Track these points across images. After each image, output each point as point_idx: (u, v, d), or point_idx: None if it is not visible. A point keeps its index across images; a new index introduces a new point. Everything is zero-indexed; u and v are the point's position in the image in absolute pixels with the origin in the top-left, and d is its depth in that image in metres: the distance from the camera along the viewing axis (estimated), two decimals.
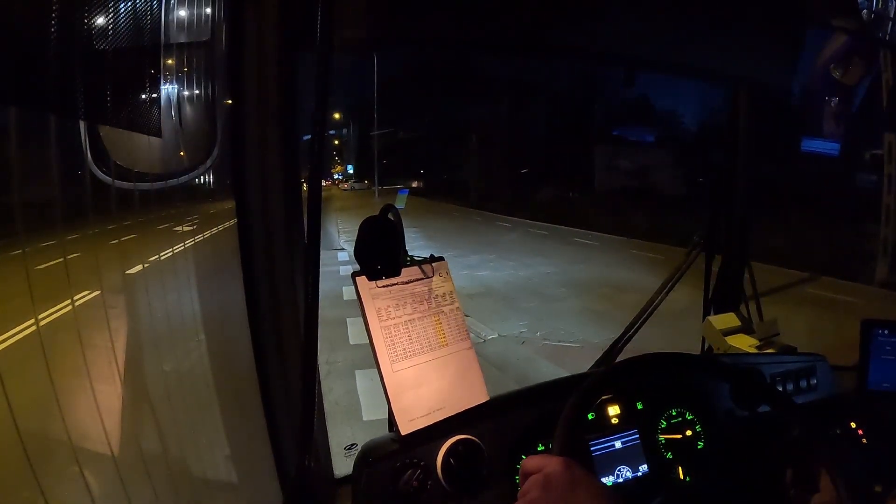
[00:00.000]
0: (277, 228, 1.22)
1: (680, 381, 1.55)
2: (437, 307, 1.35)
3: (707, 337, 2.10)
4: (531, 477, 0.94)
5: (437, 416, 1.29)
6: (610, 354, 1.98)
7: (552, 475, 0.92)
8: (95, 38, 1.03)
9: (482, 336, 7.81)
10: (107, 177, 1.22)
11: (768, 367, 1.69)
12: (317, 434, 1.17)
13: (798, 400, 1.67)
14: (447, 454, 1.26)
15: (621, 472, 1.42)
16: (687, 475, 1.45)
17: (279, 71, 1.15)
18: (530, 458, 0.98)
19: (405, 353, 1.27)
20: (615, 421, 1.47)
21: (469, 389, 1.35)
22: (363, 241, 1.15)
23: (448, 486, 1.25)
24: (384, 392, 1.24)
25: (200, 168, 1.37)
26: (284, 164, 1.20)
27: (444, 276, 1.38)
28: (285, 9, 1.12)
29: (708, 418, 1.53)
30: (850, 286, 10.15)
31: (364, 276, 1.22)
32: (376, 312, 1.25)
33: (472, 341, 1.36)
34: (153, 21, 1.18)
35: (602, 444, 1.43)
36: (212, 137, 1.30)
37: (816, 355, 1.82)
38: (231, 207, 1.24)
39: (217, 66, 1.31)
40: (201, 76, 1.34)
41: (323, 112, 0.93)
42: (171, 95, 1.32)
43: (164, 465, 1.53)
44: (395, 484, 1.21)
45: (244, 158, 1.18)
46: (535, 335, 7.98)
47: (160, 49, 1.23)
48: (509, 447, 1.35)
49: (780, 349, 1.96)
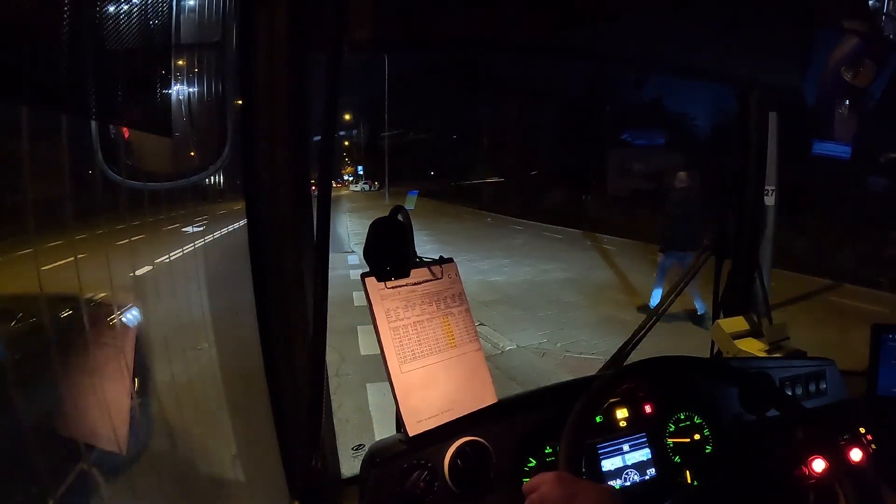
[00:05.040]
0: (287, 229, 1.23)
1: (688, 385, 1.55)
2: (446, 308, 1.35)
3: (716, 340, 2.09)
4: (529, 497, 0.95)
5: (445, 418, 1.29)
6: (619, 358, 1.98)
7: (547, 494, 0.93)
8: (107, 38, 1.04)
9: (499, 347, 7.34)
10: (117, 176, 1.23)
11: (777, 371, 1.68)
12: (324, 434, 1.17)
13: (807, 404, 1.66)
14: (455, 455, 1.26)
15: (629, 476, 1.41)
16: (695, 479, 1.45)
17: (289, 72, 1.15)
18: (528, 482, 0.99)
19: (414, 355, 1.27)
20: (623, 424, 1.46)
21: (477, 391, 1.35)
22: (373, 242, 1.15)
23: (455, 488, 1.25)
24: (392, 393, 1.24)
25: (211, 168, 1.37)
26: (294, 165, 1.20)
27: (454, 278, 1.38)
28: (296, 10, 1.12)
29: (716, 422, 1.53)
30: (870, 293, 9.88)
31: (373, 277, 1.22)
32: (385, 313, 1.26)
33: (489, 352, 1.36)
34: (164, 22, 1.19)
35: (610, 447, 1.42)
36: (222, 138, 1.30)
37: (826, 359, 1.81)
38: (240, 208, 1.25)
39: (228, 66, 1.31)
40: (212, 76, 1.34)
41: (333, 113, 0.93)
42: (182, 96, 1.32)
43: (173, 464, 1.54)
44: (402, 485, 1.21)
45: (254, 159, 1.19)
46: (556, 346, 7.51)
47: (171, 50, 1.24)
48: (517, 449, 1.35)
49: (789, 353, 1.95)
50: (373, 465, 1.22)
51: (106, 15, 1.03)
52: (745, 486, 1.44)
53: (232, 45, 1.22)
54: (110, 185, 1.23)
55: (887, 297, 9.61)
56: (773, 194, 7.79)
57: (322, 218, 0.97)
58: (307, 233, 1.24)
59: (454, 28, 1.24)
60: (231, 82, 1.29)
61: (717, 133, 28.49)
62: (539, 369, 6.70)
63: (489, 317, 8.83)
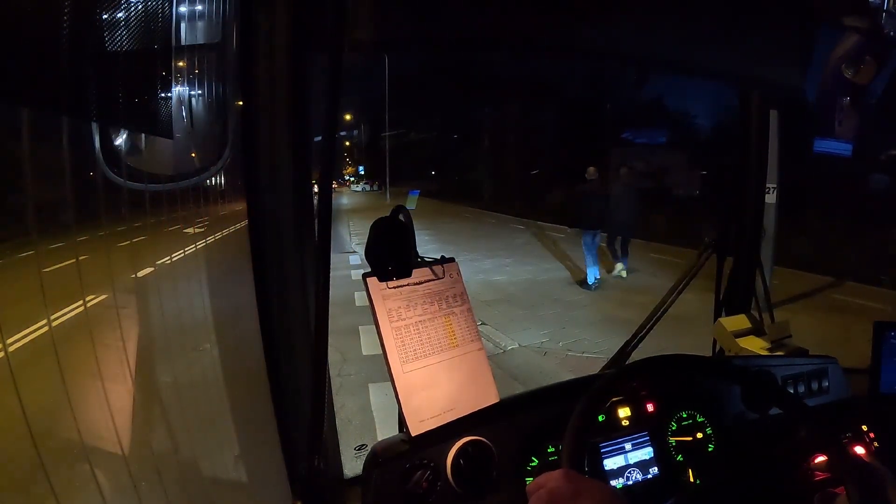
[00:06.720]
0: (288, 230, 1.23)
1: (691, 384, 1.55)
2: (447, 308, 1.35)
3: (718, 339, 2.09)
4: (534, 495, 0.95)
5: (447, 417, 1.29)
6: (621, 357, 1.98)
7: (555, 490, 0.92)
8: (107, 40, 1.04)
9: (501, 346, 7.36)
10: (119, 178, 1.23)
11: (779, 369, 1.68)
12: (326, 434, 1.17)
13: (809, 402, 1.66)
14: (457, 455, 1.26)
15: (631, 475, 1.41)
16: (697, 478, 1.45)
17: (290, 72, 1.15)
18: (534, 480, 0.99)
19: (416, 354, 1.27)
20: (626, 423, 1.46)
21: (479, 391, 1.35)
22: (374, 242, 1.15)
23: (457, 488, 1.25)
24: (394, 393, 1.24)
25: (211, 169, 1.37)
26: (295, 166, 1.20)
27: (455, 277, 1.38)
28: (296, 10, 1.12)
29: (719, 421, 1.53)
30: (873, 291, 9.90)
31: (375, 277, 1.23)
32: (387, 313, 1.26)
33: (491, 352, 1.36)
34: (165, 23, 1.19)
35: (612, 446, 1.42)
36: (223, 139, 1.30)
37: (828, 357, 1.81)
38: (241, 209, 1.25)
39: (228, 67, 1.31)
40: (212, 78, 1.35)
41: (334, 113, 0.93)
42: (183, 97, 1.32)
43: (175, 465, 1.54)
44: (404, 485, 1.21)
45: (255, 160, 1.19)
46: (558, 345, 7.53)
47: (172, 51, 1.24)
48: (519, 449, 1.35)
49: (792, 351, 1.95)
50: (375, 465, 1.22)
51: (107, 17, 1.03)
52: (748, 485, 1.44)
53: (232, 46, 1.23)
54: (111, 186, 1.23)
55: (890, 295, 9.60)
56: (774, 192, 7.81)
57: (323, 218, 0.97)
58: (308, 233, 1.25)
59: (454, 28, 1.24)
60: (231, 83, 1.29)
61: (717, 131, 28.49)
62: (541, 368, 6.71)
63: (491, 316, 8.84)
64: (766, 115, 2.09)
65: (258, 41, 1.14)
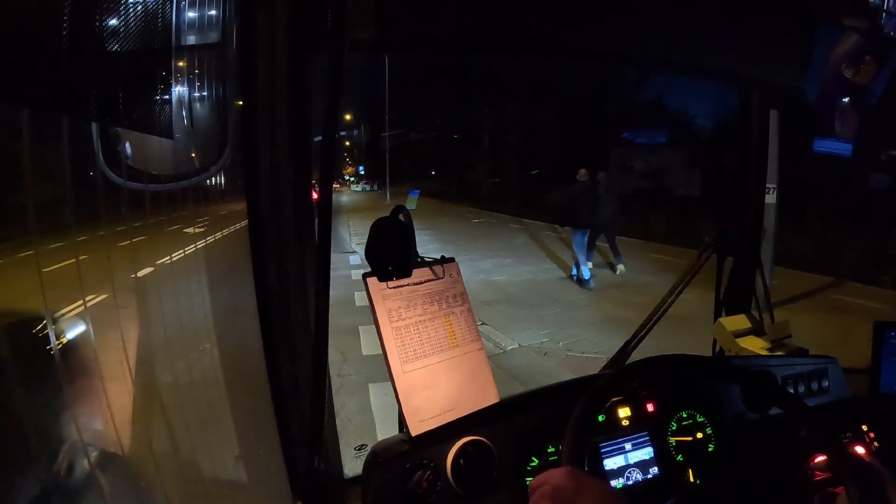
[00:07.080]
0: (288, 229, 1.23)
1: (691, 383, 1.55)
2: (447, 308, 1.35)
3: (718, 339, 2.09)
4: (537, 491, 0.95)
5: (447, 417, 1.29)
6: (621, 357, 1.98)
7: (558, 486, 0.93)
8: (107, 39, 1.04)
9: (501, 346, 7.35)
10: (118, 178, 1.23)
11: (779, 369, 1.69)
12: (326, 434, 1.17)
13: (809, 402, 1.66)
14: (457, 455, 1.26)
15: (631, 475, 1.41)
16: (697, 478, 1.45)
17: (290, 72, 1.15)
18: (537, 477, 0.99)
19: (416, 354, 1.27)
20: (626, 423, 1.46)
21: (479, 391, 1.35)
22: (374, 242, 1.15)
23: (458, 488, 1.25)
24: (394, 393, 1.24)
25: (212, 169, 1.37)
26: (295, 166, 1.20)
27: (455, 277, 1.38)
28: (296, 10, 1.12)
29: (719, 421, 1.53)
30: (873, 291, 9.91)
31: (375, 277, 1.23)
32: (387, 313, 1.26)
33: (491, 352, 1.36)
34: (164, 23, 1.19)
35: (612, 446, 1.42)
36: (223, 139, 1.30)
37: (828, 357, 1.81)
38: (241, 209, 1.25)
39: (228, 67, 1.31)
40: (212, 78, 1.34)
41: (334, 113, 0.93)
42: (183, 97, 1.32)
43: (175, 465, 1.54)
44: (404, 485, 1.22)
45: (255, 160, 1.19)
46: (558, 345, 7.53)
47: (171, 51, 1.24)
48: (519, 449, 1.35)
49: (792, 351, 1.95)
50: (375, 465, 1.22)
51: (107, 17, 1.03)
52: (748, 485, 1.44)
53: (232, 45, 1.22)
54: (111, 186, 1.23)
55: (890, 295, 9.60)
56: (774, 192, 7.81)
57: (323, 218, 0.97)
58: (308, 233, 1.25)
59: (454, 28, 1.24)
60: (232, 83, 1.29)
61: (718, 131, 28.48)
62: (541, 368, 6.69)
63: (491, 316, 8.83)
64: (766, 115, 2.09)
65: (258, 41, 1.14)
